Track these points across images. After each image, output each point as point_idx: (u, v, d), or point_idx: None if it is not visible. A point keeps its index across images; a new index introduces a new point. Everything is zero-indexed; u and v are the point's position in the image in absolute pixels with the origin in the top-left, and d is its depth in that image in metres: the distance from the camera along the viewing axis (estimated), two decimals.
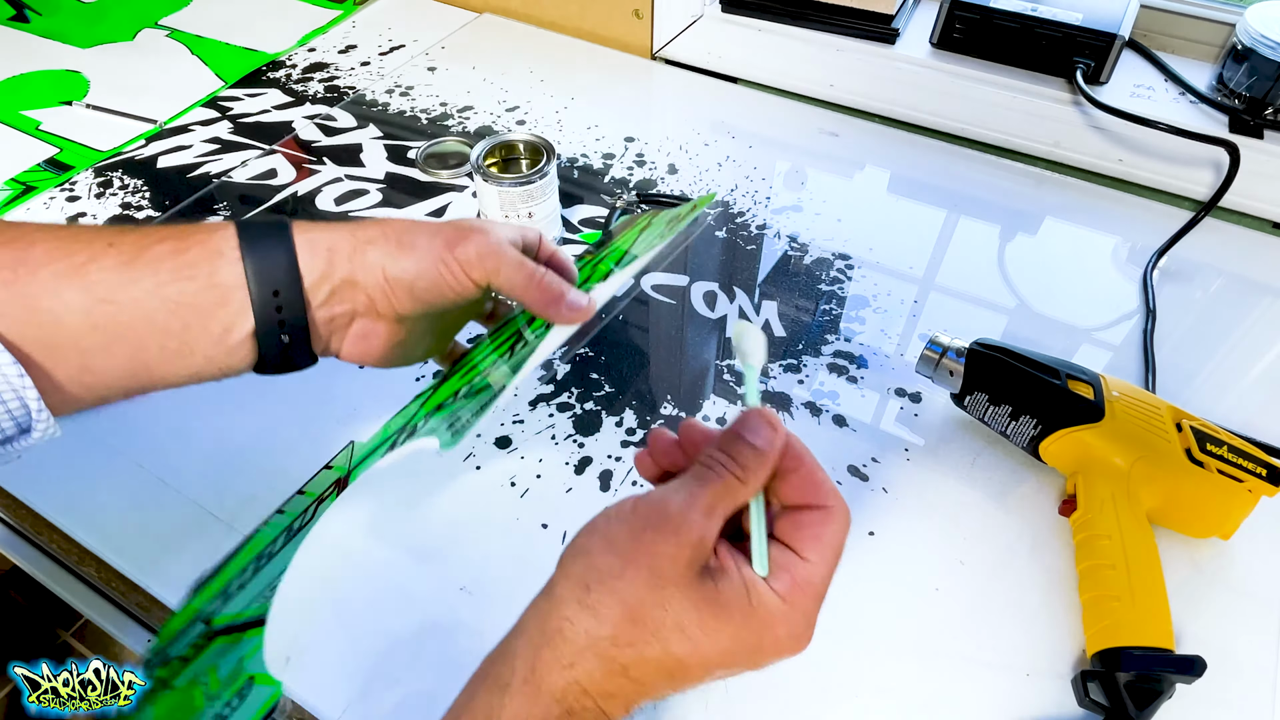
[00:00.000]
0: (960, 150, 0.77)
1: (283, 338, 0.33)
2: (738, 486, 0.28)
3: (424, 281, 0.34)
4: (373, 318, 0.35)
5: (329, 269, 0.33)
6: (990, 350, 0.50)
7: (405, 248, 0.34)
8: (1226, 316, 0.61)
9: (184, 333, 0.31)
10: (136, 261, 0.30)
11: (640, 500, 0.29)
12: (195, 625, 0.30)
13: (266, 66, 0.89)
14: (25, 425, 0.31)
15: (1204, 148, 0.70)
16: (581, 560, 0.28)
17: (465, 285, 0.35)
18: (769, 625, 0.27)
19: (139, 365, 0.31)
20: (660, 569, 0.27)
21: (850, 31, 0.85)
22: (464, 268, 0.34)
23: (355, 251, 0.33)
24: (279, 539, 0.33)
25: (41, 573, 0.52)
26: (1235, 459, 0.44)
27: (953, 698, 0.41)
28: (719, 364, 0.58)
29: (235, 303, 0.32)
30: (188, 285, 0.31)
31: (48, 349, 0.30)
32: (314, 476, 0.34)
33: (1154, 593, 0.41)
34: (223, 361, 0.33)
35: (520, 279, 0.35)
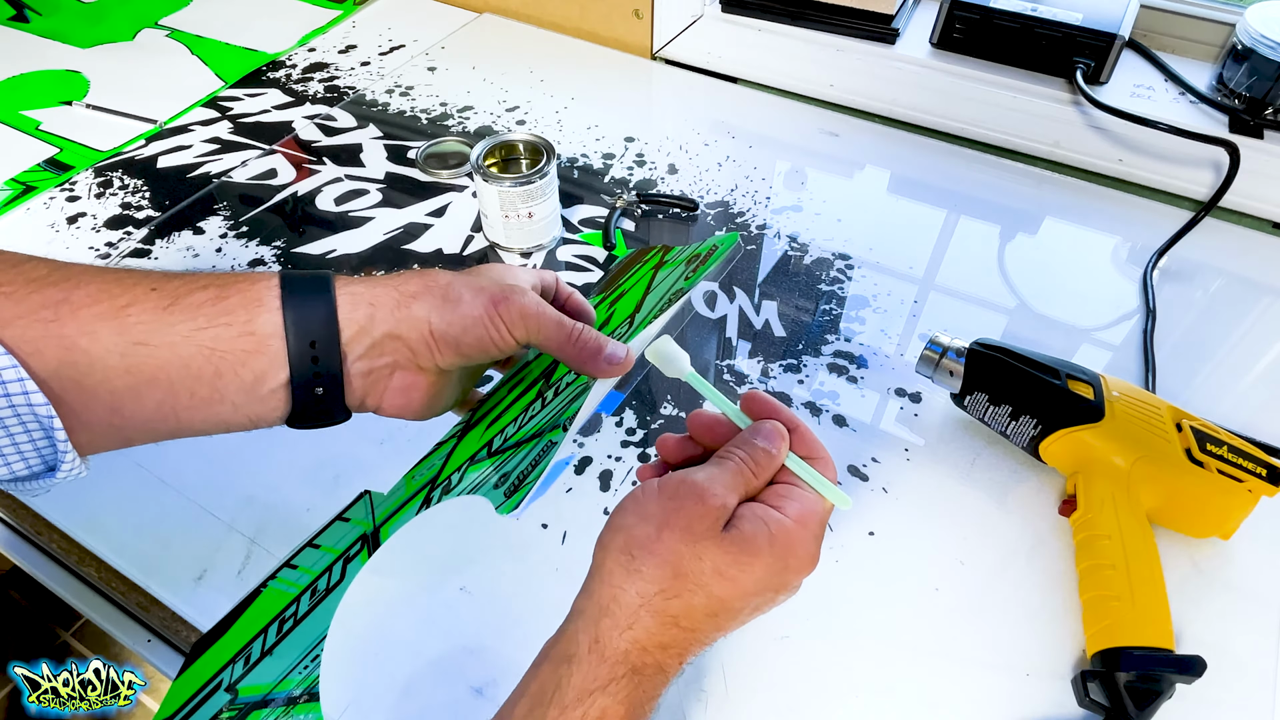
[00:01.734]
0: (960, 150, 0.77)
1: (317, 390, 0.33)
2: (750, 478, 0.33)
3: (470, 337, 0.35)
4: (413, 371, 0.35)
5: (369, 323, 0.33)
6: (990, 350, 0.50)
7: (451, 303, 0.34)
8: (1226, 316, 0.61)
9: (215, 379, 0.31)
10: (175, 306, 0.31)
11: (665, 479, 0.33)
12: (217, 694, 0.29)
13: (266, 66, 0.89)
14: (53, 463, 0.31)
15: (1204, 148, 0.70)
16: (620, 535, 0.31)
17: (508, 343, 0.36)
18: (790, 548, 0.31)
19: (169, 410, 0.31)
20: (692, 527, 0.31)
21: (850, 31, 0.85)
22: (509, 327, 0.35)
23: (399, 306, 0.34)
24: (301, 599, 0.32)
25: (41, 573, 0.52)
26: (1235, 459, 0.44)
27: (953, 698, 0.41)
28: (719, 364, 0.58)
29: (270, 352, 0.32)
30: (224, 331, 0.31)
31: (80, 389, 0.30)
32: (326, 527, 0.33)
33: (1154, 593, 0.41)
34: (253, 411, 0.33)
35: (560, 338, 0.36)
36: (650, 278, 0.45)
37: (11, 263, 0.30)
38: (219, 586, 0.46)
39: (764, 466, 0.33)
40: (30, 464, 0.31)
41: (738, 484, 0.32)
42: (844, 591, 0.45)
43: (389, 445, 0.52)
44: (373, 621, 0.44)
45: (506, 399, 0.40)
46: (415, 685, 0.42)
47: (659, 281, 0.44)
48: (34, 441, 0.30)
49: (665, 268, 0.45)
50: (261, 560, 0.47)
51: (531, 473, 0.37)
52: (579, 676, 0.29)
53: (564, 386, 0.39)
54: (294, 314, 0.32)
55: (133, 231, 0.69)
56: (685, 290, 0.43)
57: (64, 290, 0.30)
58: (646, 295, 0.43)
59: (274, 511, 0.49)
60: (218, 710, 0.29)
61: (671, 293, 0.43)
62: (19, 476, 0.31)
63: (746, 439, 0.34)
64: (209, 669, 0.29)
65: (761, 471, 0.33)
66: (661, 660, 0.30)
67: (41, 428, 0.29)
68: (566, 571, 0.46)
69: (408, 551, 0.47)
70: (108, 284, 0.30)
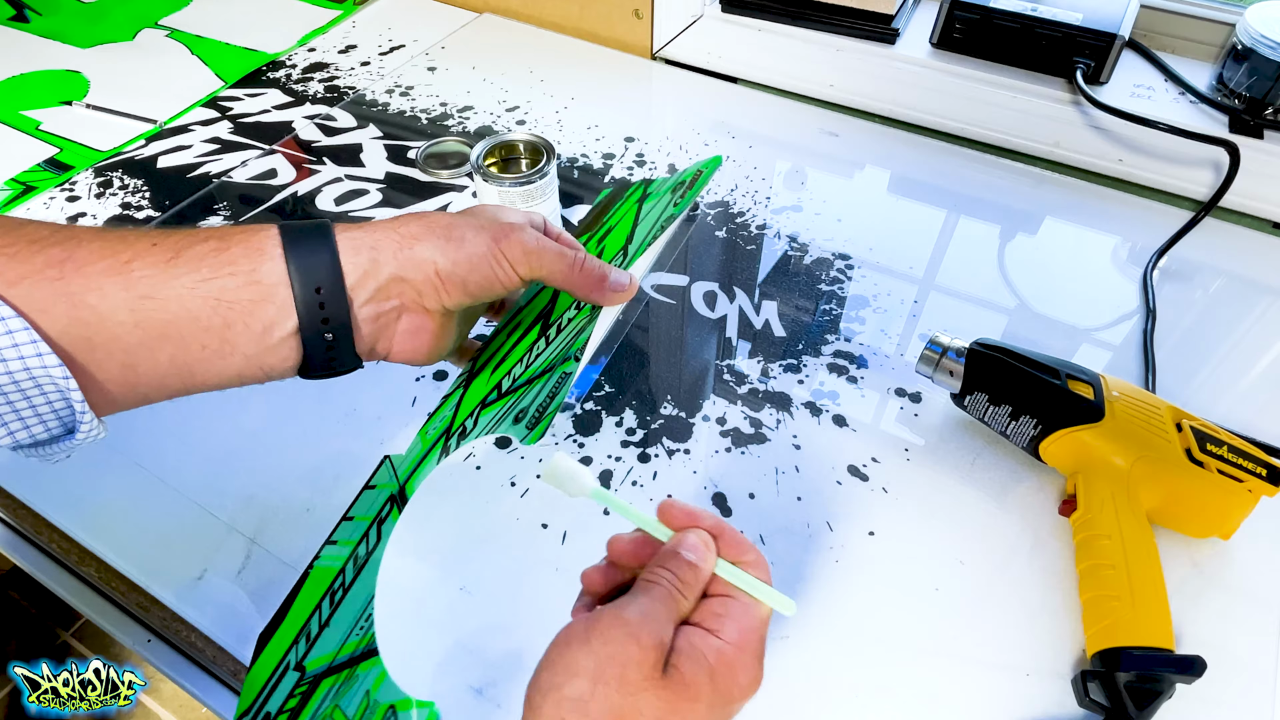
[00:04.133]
0: (960, 150, 0.77)
1: (326, 335, 0.33)
2: (679, 597, 0.31)
3: (476, 275, 0.35)
4: (420, 313, 0.35)
5: (373, 266, 0.33)
6: (990, 350, 0.50)
7: (455, 242, 0.34)
8: (1226, 316, 0.61)
9: (225, 330, 0.31)
10: (179, 259, 0.31)
11: (594, 619, 0.30)
12: (287, 675, 0.30)
13: (266, 66, 0.89)
14: (71, 425, 0.31)
15: (1204, 148, 0.70)
16: (551, 696, 0.29)
17: (512, 279, 0.36)
18: (732, 677, 0.30)
19: (181, 364, 0.31)
20: (628, 679, 0.28)
21: (850, 31, 0.85)
22: (512, 263, 0.35)
23: (401, 247, 0.34)
24: (346, 568, 0.32)
25: (41, 573, 0.52)
26: (1235, 459, 0.44)
27: (953, 698, 0.41)
28: (719, 364, 0.58)
29: (278, 300, 0.32)
30: (229, 281, 0.31)
31: (91, 348, 0.30)
32: (356, 499, 0.33)
33: (1154, 593, 0.41)
34: (265, 361, 0.33)
35: (563, 268, 0.36)
36: (636, 211, 0.44)
37: (11, 226, 0.30)
38: (219, 586, 0.46)
39: (692, 584, 0.32)
40: (50, 427, 0.30)
41: (670, 612, 0.31)
42: (844, 591, 0.45)
43: (389, 445, 0.52)
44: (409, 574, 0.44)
45: (506, 344, 0.40)
46: (415, 685, 0.42)
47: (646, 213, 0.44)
48: (51, 404, 0.30)
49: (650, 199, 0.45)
50: (262, 560, 0.47)
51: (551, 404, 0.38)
52: None
53: (566, 323, 0.39)
54: (297, 261, 0.32)
55: None
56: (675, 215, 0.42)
57: (67, 249, 0.29)
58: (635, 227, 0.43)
59: (274, 511, 0.49)
60: (291, 687, 0.30)
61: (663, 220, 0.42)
62: (39, 440, 0.31)
63: (670, 554, 0.32)
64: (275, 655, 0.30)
65: (690, 590, 0.32)
66: None
67: (58, 389, 0.29)
68: (566, 571, 0.46)
69: (407, 552, 0.47)
70: (109, 241, 0.30)
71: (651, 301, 0.62)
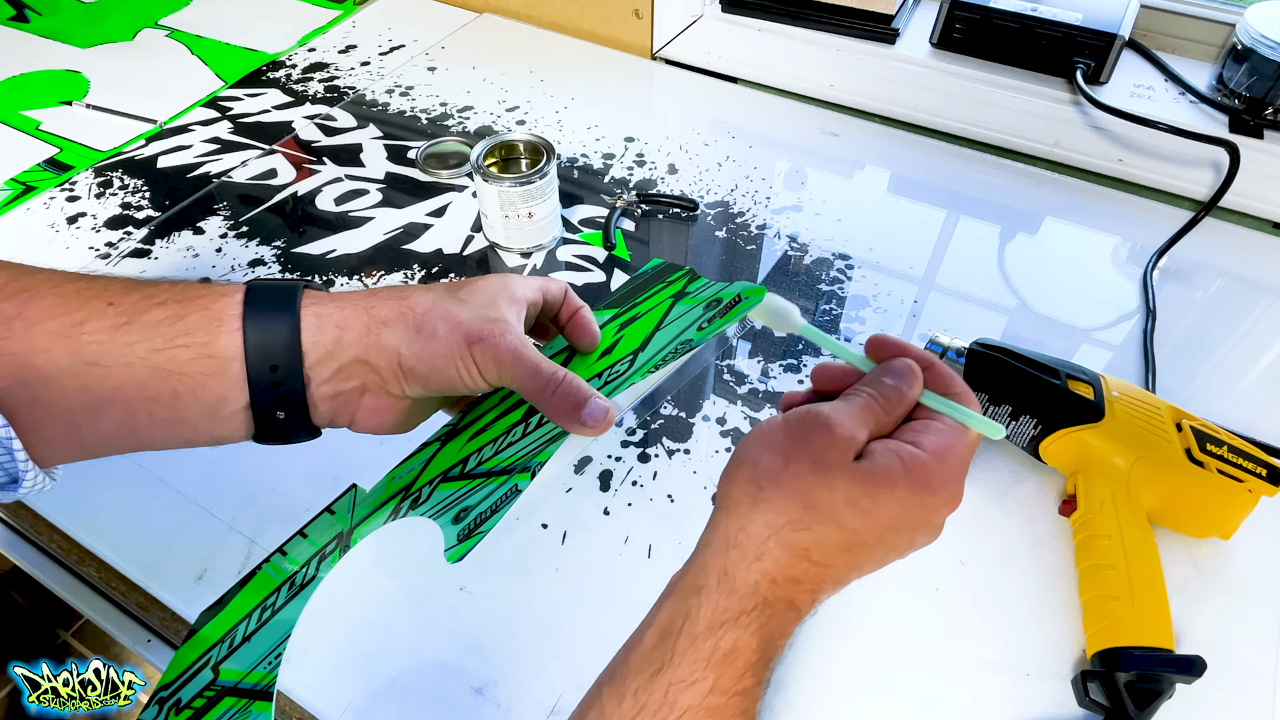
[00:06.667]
0: (960, 150, 0.77)
1: (278, 414, 0.32)
2: (881, 414, 0.31)
3: (439, 376, 0.33)
4: (384, 395, 0.34)
5: (336, 347, 0.32)
6: (990, 350, 0.50)
7: (424, 337, 0.33)
8: (1226, 316, 0.61)
9: (174, 400, 0.30)
10: (132, 325, 0.30)
11: (789, 413, 0.31)
12: (204, 670, 0.30)
13: (266, 66, 0.89)
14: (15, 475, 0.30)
15: (1204, 148, 0.70)
16: (746, 468, 0.30)
17: (478, 384, 0.34)
18: (927, 482, 0.29)
19: (127, 429, 0.31)
20: (821, 458, 0.29)
21: (850, 31, 0.85)
22: (480, 369, 0.33)
23: (369, 331, 0.32)
24: (282, 589, 0.32)
25: (41, 573, 0.52)
26: (1235, 459, 0.44)
27: (953, 698, 0.41)
28: (719, 364, 0.58)
29: (230, 375, 0.31)
30: (181, 354, 0.30)
31: (35, 406, 0.29)
32: (315, 519, 0.33)
33: (1154, 593, 0.41)
34: (215, 432, 0.32)
35: (537, 386, 0.34)
36: (668, 307, 0.42)
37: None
38: (219, 586, 0.45)
39: (895, 403, 0.31)
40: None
41: (866, 418, 0.30)
42: (844, 592, 0.45)
43: (389, 445, 0.52)
44: (373, 621, 0.44)
45: (495, 410, 0.39)
46: (415, 685, 0.42)
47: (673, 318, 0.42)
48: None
49: (685, 301, 0.43)
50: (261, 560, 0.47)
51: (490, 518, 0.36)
52: (709, 608, 0.28)
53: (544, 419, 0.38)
54: (255, 335, 0.31)
55: (133, 231, 0.69)
56: (695, 343, 0.40)
57: (18, 304, 0.29)
58: (657, 331, 0.41)
59: (274, 511, 0.49)
60: (202, 687, 0.30)
61: (679, 342, 0.40)
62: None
63: (875, 378, 0.32)
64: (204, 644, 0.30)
65: (892, 408, 0.31)
66: (793, 595, 0.29)
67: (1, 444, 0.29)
68: (566, 571, 0.46)
69: (407, 552, 0.47)
70: (65, 297, 0.30)
71: None
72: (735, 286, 0.42)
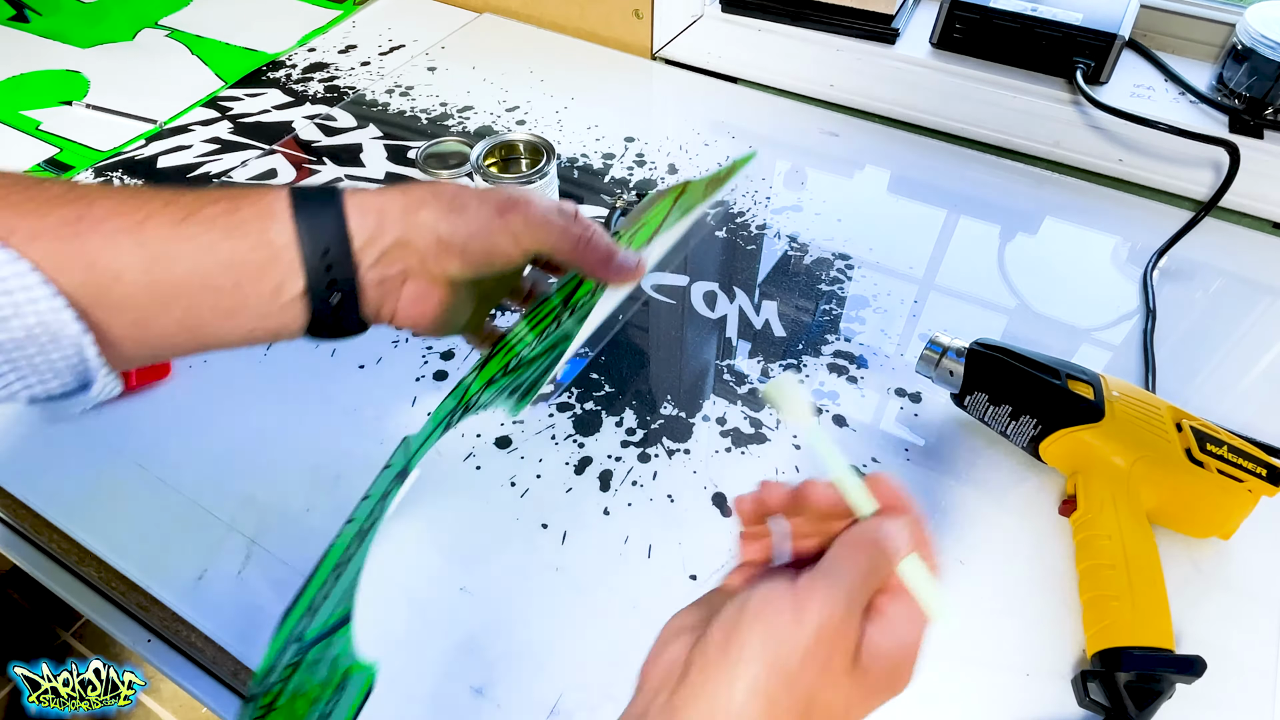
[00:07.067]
0: (960, 150, 0.77)
1: (332, 299, 0.33)
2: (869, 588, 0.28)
3: (476, 244, 0.34)
4: (425, 280, 0.35)
5: (379, 230, 0.33)
6: (990, 350, 0.50)
7: (458, 210, 0.34)
8: (1226, 316, 0.61)
9: (235, 291, 0.32)
10: (190, 219, 0.31)
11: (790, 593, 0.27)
12: (290, 647, 0.31)
13: (266, 66, 0.89)
14: (86, 380, 0.31)
15: (1204, 148, 0.70)
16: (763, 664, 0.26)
17: (512, 252, 0.35)
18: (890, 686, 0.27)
19: (193, 323, 0.32)
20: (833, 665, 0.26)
21: (850, 31, 0.85)
22: (514, 236, 0.35)
23: (406, 212, 0.34)
24: (351, 544, 0.33)
25: (41, 573, 0.52)
26: (1235, 459, 0.44)
27: (953, 698, 0.41)
28: (719, 364, 0.58)
29: (286, 262, 0.32)
30: (239, 243, 0.31)
31: (106, 305, 0.30)
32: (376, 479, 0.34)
33: (1154, 593, 0.41)
34: (274, 321, 0.33)
35: (568, 243, 0.35)
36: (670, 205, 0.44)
37: (28, 183, 0.30)
38: (219, 586, 0.46)
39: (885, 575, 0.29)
40: (65, 382, 0.31)
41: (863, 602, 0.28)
42: None
43: (389, 445, 0.52)
44: (372, 621, 0.44)
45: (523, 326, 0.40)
46: (415, 685, 0.42)
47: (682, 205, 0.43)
48: (67, 358, 0.30)
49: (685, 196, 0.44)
50: (261, 560, 0.47)
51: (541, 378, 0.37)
52: None
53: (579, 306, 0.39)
54: (306, 224, 0.32)
55: None
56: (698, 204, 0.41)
57: (81, 207, 0.30)
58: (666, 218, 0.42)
59: (274, 511, 0.49)
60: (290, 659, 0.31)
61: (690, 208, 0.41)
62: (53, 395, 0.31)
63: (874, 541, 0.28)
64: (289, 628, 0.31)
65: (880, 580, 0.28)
66: None
67: (74, 344, 0.30)
68: (566, 571, 0.46)
69: (408, 553, 0.47)
70: (123, 199, 0.31)
71: (651, 301, 0.62)
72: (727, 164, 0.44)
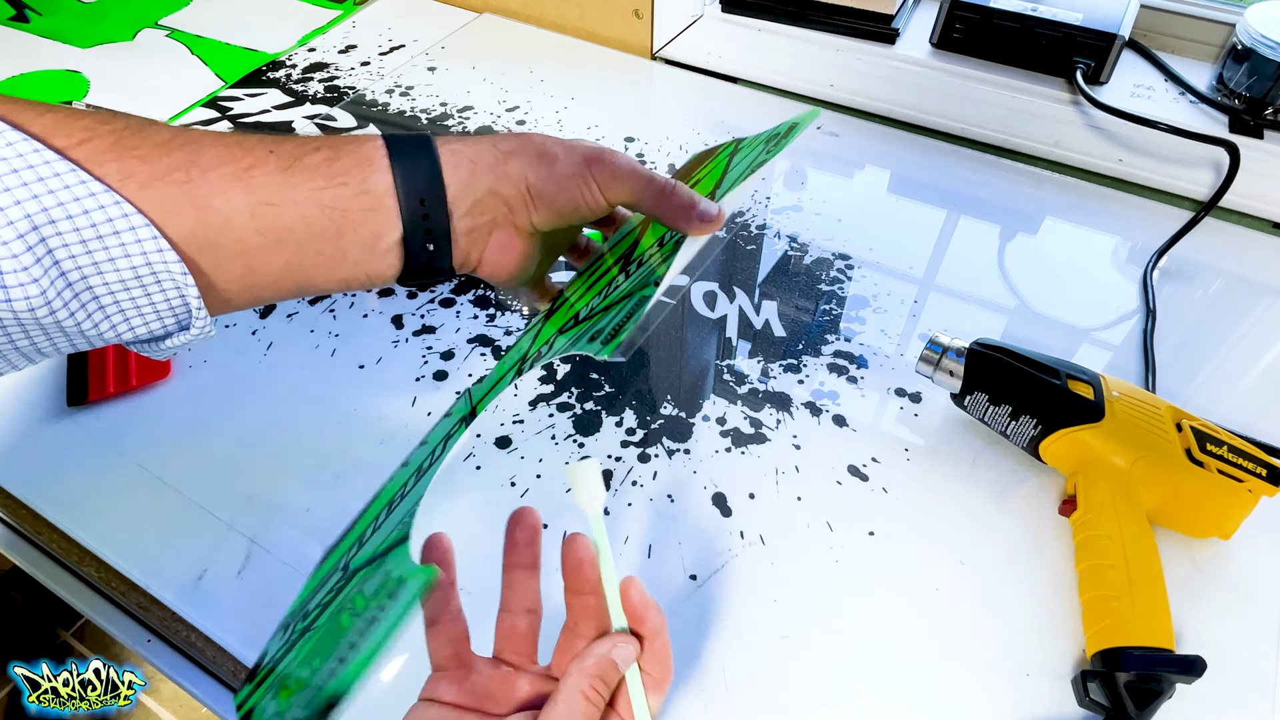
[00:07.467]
0: (960, 150, 0.77)
1: (428, 246, 0.34)
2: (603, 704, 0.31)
3: (565, 195, 0.35)
4: (511, 229, 0.36)
5: (471, 180, 0.34)
6: (990, 350, 0.50)
7: (548, 160, 0.35)
8: (1226, 316, 0.61)
9: (338, 238, 0.33)
10: (294, 168, 0.32)
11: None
12: (333, 576, 0.31)
13: (266, 66, 0.89)
14: (185, 322, 0.32)
15: (1204, 148, 0.70)
16: None
17: (599, 201, 0.36)
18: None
19: (296, 269, 0.33)
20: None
21: (850, 31, 0.85)
22: (601, 185, 0.36)
23: (497, 162, 0.35)
24: (409, 481, 0.33)
25: (41, 573, 0.52)
26: (1235, 459, 0.44)
27: (953, 698, 0.41)
28: (719, 364, 0.58)
29: (385, 209, 0.33)
30: (342, 191, 0.32)
31: (215, 249, 0.31)
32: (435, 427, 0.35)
33: (1154, 593, 0.41)
34: (371, 268, 0.34)
35: (652, 194, 0.37)
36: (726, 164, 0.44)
37: (136, 126, 0.30)
38: (219, 586, 0.46)
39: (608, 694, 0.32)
40: (165, 324, 0.32)
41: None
42: (844, 591, 0.45)
43: (389, 445, 0.52)
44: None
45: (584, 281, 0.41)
46: (415, 685, 0.42)
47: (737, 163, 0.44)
48: (168, 300, 0.31)
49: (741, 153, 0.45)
50: (261, 560, 0.47)
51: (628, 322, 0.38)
52: None
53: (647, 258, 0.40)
54: (403, 172, 0.33)
55: None
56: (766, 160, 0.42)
57: (191, 153, 0.31)
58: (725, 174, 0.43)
59: (274, 511, 0.49)
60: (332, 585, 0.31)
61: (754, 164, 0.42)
62: (154, 335, 0.32)
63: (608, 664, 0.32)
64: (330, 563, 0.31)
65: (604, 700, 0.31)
66: None
67: (175, 285, 0.30)
68: None
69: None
70: (229, 147, 0.31)
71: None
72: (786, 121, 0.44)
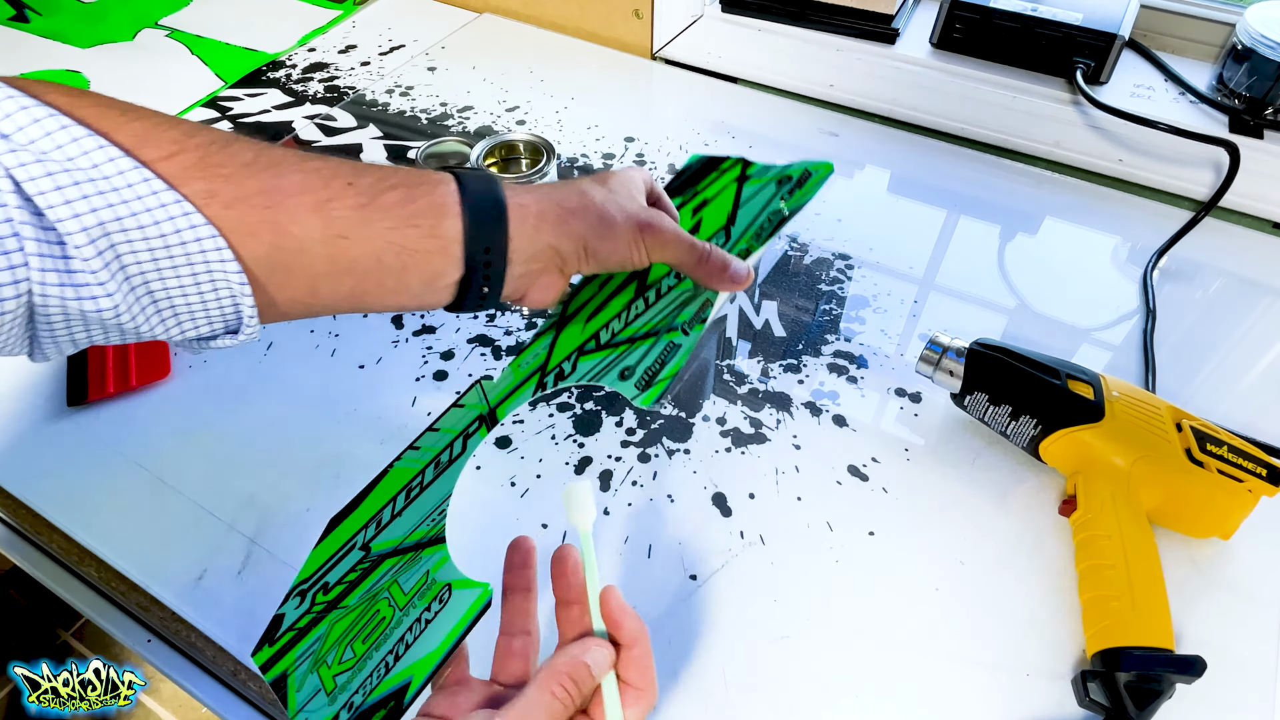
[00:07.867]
0: (960, 150, 0.77)
1: (484, 288, 0.36)
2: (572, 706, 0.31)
3: (615, 256, 0.38)
4: (556, 274, 0.38)
5: (535, 235, 0.36)
6: (990, 350, 0.50)
7: (607, 224, 0.37)
8: (1226, 316, 0.61)
9: (402, 274, 0.35)
10: (371, 205, 0.33)
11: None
12: (352, 553, 0.32)
13: (266, 66, 0.89)
14: (234, 327, 0.34)
15: (1204, 148, 0.70)
16: None
17: (644, 262, 0.39)
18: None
19: (358, 294, 0.35)
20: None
21: (850, 31, 0.85)
22: (647, 251, 0.39)
23: (560, 220, 0.37)
24: (426, 470, 0.35)
25: (41, 573, 0.52)
26: (1235, 459, 0.44)
27: (953, 698, 0.41)
28: (719, 364, 0.58)
29: (451, 255, 0.35)
30: (413, 233, 0.34)
31: (284, 271, 0.33)
32: (443, 414, 0.36)
33: (1154, 593, 0.41)
34: (427, 300, 0.36)
35: (693, 259, 0.40)
36: (736, 191, 0.46)
37: (223, 143, 0.32)
38: (219, 586, 0.46)
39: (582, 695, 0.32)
40: (214, 327, 0.33)
41: None
42: (844, 591, 0.45)
43: (389, 445, 0.52)
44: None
45: (599, 295, 0.42)
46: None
47: (748, 197, 0.45)
48: (222, 306, 0.32)
49: (751, 183, 0.46)
50: (261, 560, 0.47)
51: (661, 371, 0.41)
52: None
53: (665, 290, 0.43)
54: (475, 224, 0.35)
55: None
56: (785, 215, 0.44)
57: (273, 176, 0.32)
58: (737, 209, 0.45)
59: (274, 511, 0.49)
60: (354, 563, 0.32)
61: (770, 214, 0.44)
62: (204, 336, 0.34)
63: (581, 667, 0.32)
64: (343, 536, 0.32)
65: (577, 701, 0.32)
66: None
67: (232, 295, 0.32)
68: None
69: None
70: (309, 175, 0.33)
71: None
72: (798, 164, 0.46)
